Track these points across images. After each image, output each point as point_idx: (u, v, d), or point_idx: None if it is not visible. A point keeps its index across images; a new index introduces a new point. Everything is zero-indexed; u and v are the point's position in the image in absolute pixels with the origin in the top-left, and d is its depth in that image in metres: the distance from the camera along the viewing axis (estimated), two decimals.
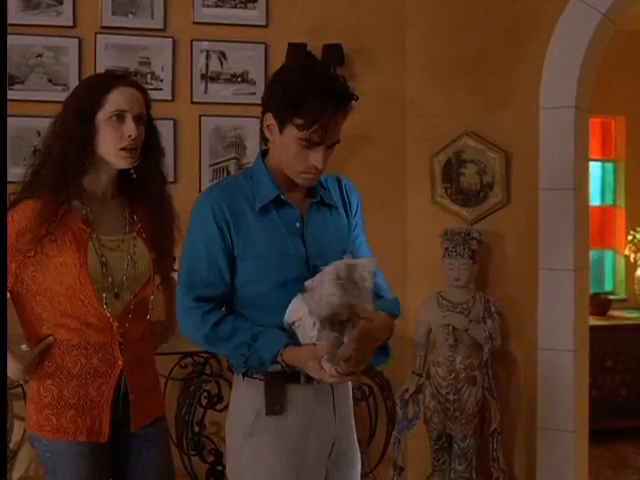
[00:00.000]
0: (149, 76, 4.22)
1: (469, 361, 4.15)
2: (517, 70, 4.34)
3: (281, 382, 2.31)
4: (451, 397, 4.15)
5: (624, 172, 6.70)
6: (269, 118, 2.27)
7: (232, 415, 2.40)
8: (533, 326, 4.30)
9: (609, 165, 6.84)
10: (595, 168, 6.63)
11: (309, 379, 2.30)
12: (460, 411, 4.15)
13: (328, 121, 2.18)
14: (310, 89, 2.17)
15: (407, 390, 4.23)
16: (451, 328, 4.13)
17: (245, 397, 2.36)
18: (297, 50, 4.26)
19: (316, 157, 2.23)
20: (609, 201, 6.85)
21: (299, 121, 2.18)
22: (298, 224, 2.34)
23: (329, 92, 2.18)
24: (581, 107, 4.25)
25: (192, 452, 3.82)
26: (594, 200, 6.49)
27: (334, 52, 4.28)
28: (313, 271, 2.28)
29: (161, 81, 4.25)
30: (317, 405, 2.36)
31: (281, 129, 2.24)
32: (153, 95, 4.11)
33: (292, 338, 2.27)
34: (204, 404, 3.82)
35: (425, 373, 4.26)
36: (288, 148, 2.25)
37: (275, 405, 2.30)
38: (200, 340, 2.34)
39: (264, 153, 2.40)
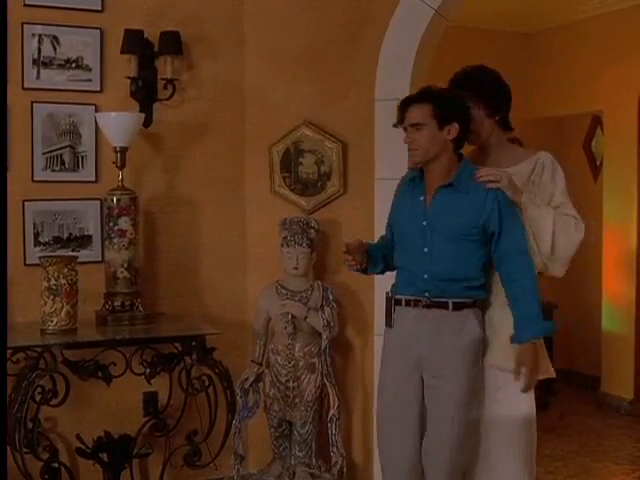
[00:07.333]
0: None
1: (308, 348, 4.21)
2: (354, 62, 4.43)
3: (390, 304, 3.34)
4: (290, 384, 4.20)
5: None
6: None
7: None
8: (370, 313, 4.41)
9: None
10: None
11: (408, 303, 3.26)
12: (300, 398, 4.20)
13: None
14: None
15: (247, 379, 4.25)
16: (290, 316, 4.17)
17: None
18: (134, 36, 4.18)
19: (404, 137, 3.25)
20: None
21: None
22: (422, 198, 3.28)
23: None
24: None
25: (25, 450, 3.70)
26: None
27: (171, 40, 4.21)
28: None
29: None
30: (408, 325, 3.26)
31: None
32: None
33: None
34: (38, 399, 3.70)
35: (265, 362, 4.29)
36: None
37: (388, 319, 3.35)
38: None
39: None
